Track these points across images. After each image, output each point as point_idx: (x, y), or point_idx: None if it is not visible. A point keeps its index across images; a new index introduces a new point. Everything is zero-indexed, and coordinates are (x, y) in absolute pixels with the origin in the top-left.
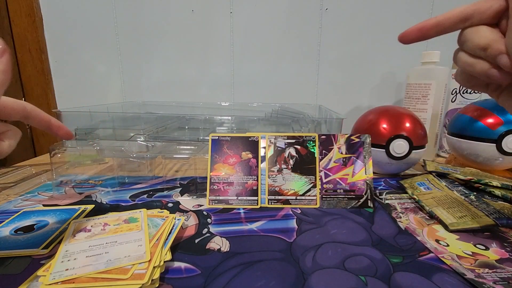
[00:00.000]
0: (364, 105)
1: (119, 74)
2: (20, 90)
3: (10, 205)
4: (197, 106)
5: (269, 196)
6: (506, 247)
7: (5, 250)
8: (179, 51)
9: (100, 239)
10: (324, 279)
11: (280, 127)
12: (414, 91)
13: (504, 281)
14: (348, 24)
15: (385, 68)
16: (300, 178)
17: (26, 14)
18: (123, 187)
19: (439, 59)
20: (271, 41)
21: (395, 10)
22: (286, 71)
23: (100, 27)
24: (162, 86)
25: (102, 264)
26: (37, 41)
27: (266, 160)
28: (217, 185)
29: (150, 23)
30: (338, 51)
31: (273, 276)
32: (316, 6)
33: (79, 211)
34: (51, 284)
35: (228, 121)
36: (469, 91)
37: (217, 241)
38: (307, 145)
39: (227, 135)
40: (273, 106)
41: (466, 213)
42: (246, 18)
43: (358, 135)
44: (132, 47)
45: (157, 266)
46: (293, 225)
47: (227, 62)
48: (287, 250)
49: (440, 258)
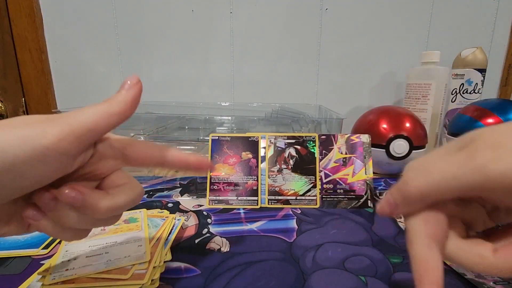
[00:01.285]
0: (364, 105)
1: (119, 74)
2: (20, 90)
3: None
4: (197, 106)
5: (269, 196)
6: None
7: (5, 250)
8: (179, 51)
9: (100, 239)
10: (324, 279)
11: (280, 127)
12: (414, 91)
13: (504, 281)
14: (348, 24)
15: (385, 68)
16: (300, 178)
17: (26, 14)
18: None
19: (439, 59)
20: (271, 41)
21: (395, 10)
22: (286, 71)
23: (100, 27)
24: (162, 86)
25: (102, 264)
26: (37, 41)
27: (266, 160)
28: (217, 185)
29: (150, 23)
30: (338, 51)
31: (273, 276)
32: (316, 6)
33: None
34: (51, 284)
35: (228, 121)
36: (469, 91)
37: (217, 241)
38: (307, 145)
39: (227, 135)
40: (273, 106)
41: None
42: (246, 18)
43: (358, 135)
44: (132, 47)
45: (157, 266)
46: (293, 225)
47: (227, 62)
48: (287, 250)
49: None
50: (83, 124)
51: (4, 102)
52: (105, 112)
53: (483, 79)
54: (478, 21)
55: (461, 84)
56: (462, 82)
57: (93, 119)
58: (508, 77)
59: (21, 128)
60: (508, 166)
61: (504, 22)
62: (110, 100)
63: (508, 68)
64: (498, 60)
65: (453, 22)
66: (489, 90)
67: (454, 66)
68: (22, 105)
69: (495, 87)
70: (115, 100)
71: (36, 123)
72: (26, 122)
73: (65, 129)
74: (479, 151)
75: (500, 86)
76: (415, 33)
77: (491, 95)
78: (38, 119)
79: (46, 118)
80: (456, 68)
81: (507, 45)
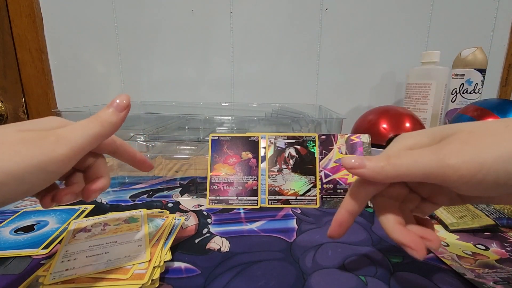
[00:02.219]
0: (364, 105)
1: (119, 74)
2: (20, 90)
3: (10, 205)
4: (197, 106)
5: (269, 196)
6: (506, 247)
7: (5, 250)
8: (179, 51)
9: (100, 239)
10: (324, 279)
11: (280, 127)
12: (414, 91)
13: (504, 281)
14: (348, 24)
15: (385, 68)
16: (300, 178)
17: (26, 14)
18: (123, 187)
19: (439, 59)
20: (271, 41)
21: (395, 10)
22: (286, 71)
23: (100, 27)
24: (162, 86)
25: (102, 264)
26: (37, 41)
27: (266, 160)
28: (217, 185)
29: (150, 23)
30: (338, 51)
31: (273, 276)
32: (316, 6)
33: (79, 211)
34: (51, 284)
35: (228, 121)
36: (469, 91)
37: (217, 241)
38: (307, 145)
39: (227, 135)
40: (273, 106)
41: (466, 213)
42: (246, 18)
43: (358, 135)
44: (132, 47)
45: (157, 266)
46: (293, 225)
47: (227, 62)
48: (287, 250)
49: (440, 258)
50: (81, 145)
51: (4, 102)
52: (99, 134)
53: (483, 79)
54: (478, 21)
55: (461, 84)
56: (462, 82)
57: (88, 140)
58: (508, 77)
59: (25, 148)
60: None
61: (504, 22)
62: (102, 121)
63: (508, 68)
64: (498, 60)
65: (453, 22)
66: (489, 90)
67: (454, 66)
68: (22, 105)
69: (495, 87)
70: (107, 122)
71: (39, 146)
72: (25, 138)
73: (70, 155)
74: (449, 145)
75: (500, 86)
76: (415, 33)
77: (491, 95)
78: (37, 138)
79: (44, 138)
80: (456, 68)
81: (507, 45)
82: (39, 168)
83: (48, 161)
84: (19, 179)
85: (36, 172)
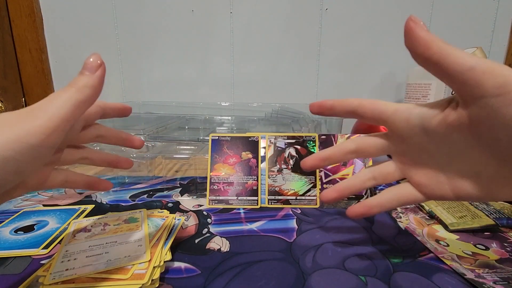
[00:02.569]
0: None
1: (119, 74)
2: (20, 90)
3: (10, 205)
4: (197, 106)
5: (269, 196)
6: (506, 247)
7: (5, 250)
8: (179, 51)
9: (100, 239)
10: (324, 279)
11: (280, 127)
12: (414, 91)
13: (504, 281)
14: (348, 24)
15: (385, 68)
16: (300, 178)
17: (26, 14)
18: (123, 187)
19: None
20: (271, 41)
21: (395, 10)
22: (286, 71)
23: (100, 27)
24: (162, 86)
25: (102, 264)
26: (37, 41)
27: (266, 160)
28: (217, 185)
29: (150, 23)
30: (338, 51)
31: (273, 276)
32: (316, 6)
33: (79, 211)
34: (51, 284)
35: (228, 121)
36: None
37: (217, 241)
38: (307, 145)
39: (227, 135)
40: (273, 106)
41: (466, 213)
42: (246, 18)
43: (358, 135)
44: (132, 47)
45: (157, 266)
46: (293, 225)
47: (227, 62)
48: (287, 250)
49: (440, 258)
50: (62, 116)
51: (4, 102)
52: (77, 100)
53: None
54: (478, 21)
55: None
56: None
57: (70, 109)
58: None
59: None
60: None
61: (504, 22)
62: (79, 87)
63: None
64: (498, 60)
65: (453, 22)
66: None
67: None
68: (22, 105)
69: None
70: (84, 86)
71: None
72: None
73: (50, 125)
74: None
75: None
76: None
77: None
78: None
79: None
80: None
81: (507, 45)
82: (20, 143)
83: (26, 133)
84: (1, 156)
85: (18, 148)
